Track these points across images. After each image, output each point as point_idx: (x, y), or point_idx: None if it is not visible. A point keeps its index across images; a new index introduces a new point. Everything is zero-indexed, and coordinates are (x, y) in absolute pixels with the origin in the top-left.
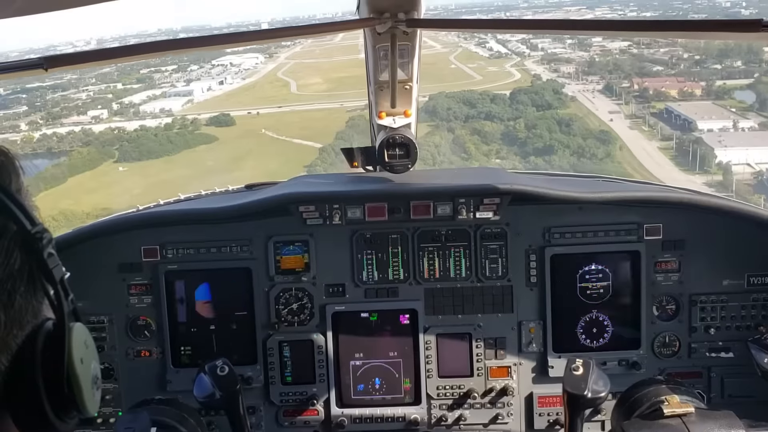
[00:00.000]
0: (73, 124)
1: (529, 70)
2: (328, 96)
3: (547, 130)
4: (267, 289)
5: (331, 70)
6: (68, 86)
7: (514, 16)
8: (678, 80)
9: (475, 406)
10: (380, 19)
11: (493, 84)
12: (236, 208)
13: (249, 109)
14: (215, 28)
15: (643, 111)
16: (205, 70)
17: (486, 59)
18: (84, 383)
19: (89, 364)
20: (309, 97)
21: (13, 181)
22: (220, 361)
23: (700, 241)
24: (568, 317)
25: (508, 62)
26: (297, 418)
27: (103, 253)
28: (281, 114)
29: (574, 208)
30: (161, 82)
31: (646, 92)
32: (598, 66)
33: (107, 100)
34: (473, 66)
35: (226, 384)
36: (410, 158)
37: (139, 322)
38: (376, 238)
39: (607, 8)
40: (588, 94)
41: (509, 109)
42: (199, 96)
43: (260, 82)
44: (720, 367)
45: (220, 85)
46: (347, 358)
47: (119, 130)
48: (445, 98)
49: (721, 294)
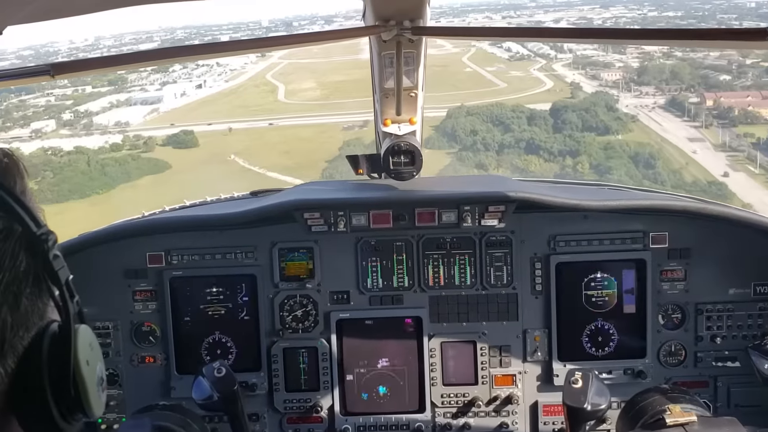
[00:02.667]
0: (11, 140)
1: (562, 76)
2: (321, 106)
3: (627, 176)
4: (271, 295)
5: (328, 72)
6: (35, 89)
7: (523, 15)
8: (763, 95)
9: (479, 414)
10: (386, 26)
11: (522, 94)
12: (241, 215)
13: (222, 123)
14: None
15: (737, 140)
16: (188, 71)
17: (506, 62)
18: (90, 385)
19: (95, 366)
20: (297, 108)
21: (18, 182)
22: (217, 363)
23: (707, 249)
24: (573, 325)
25: (532, 65)
26: (301, 425)
27: (108, 259)
28: (261, 130)
29: (579, 216)
30: (132, 85)
31: (729, 112)
32: (650, 73)
33: (62, 108)
34: (492, 70)
35: (223, 385)
36: (415, 165)
37: (143, 328)
38: (380, 245)
39: (622, 7)
40: (649, 111)
41: (558, 137)
42: (168, 103)
43: (245, 86)
44: (726, 377)
45: (198, 89)
46: (352, 365)
47: (53, 151)
48: (467, 115)
49: (728, 303)
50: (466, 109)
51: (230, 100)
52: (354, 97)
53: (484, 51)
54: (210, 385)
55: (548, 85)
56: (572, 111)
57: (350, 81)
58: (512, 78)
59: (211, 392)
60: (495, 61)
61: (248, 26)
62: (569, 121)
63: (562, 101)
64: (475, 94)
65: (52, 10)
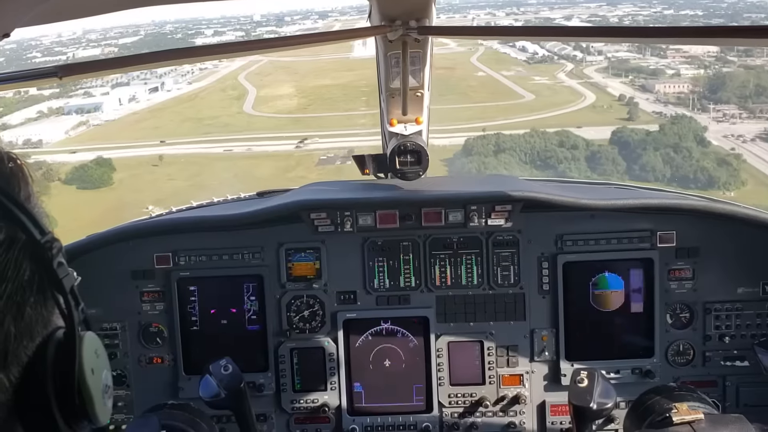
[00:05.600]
0: None
1: (601, 85)
2: (294, 123)
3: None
4: (278, 296)
5: (311, 74)
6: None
7: (528, 11)
8: None
9: (487, 414)
10: (392, 26)
11: (559, 110)
12: (248, 216)
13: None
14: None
15: None
16: (149, 70)
17: (524, 64)
18: (95, 394)
19: (100, 374)
20: (263, 124)
21: (23, 188)
22: (224, 361)
23: (715, 248)
24: (580, 325)
25: (558, 69)
26: (308, 425)
27: (116, 260)
28: (206, 159)
29: (586, 215)
30: (79, 87)
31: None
32: (728, 86)
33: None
34: (510, 74)
35: (230, 382)
36: (421, 165)
37: (151, 329)
38: (387, 246)
39: (630, 5)
40: (744, 143)
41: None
42: (106, 113)
43: (209, 90)
44: (735, 376)
45: (151, 93)
46: (358, 365)
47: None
48: (497, 152)
49: (736, 302)
50: (495, 142)
51: (183, 109)
52: (338, 110)
53: (495, 51)
54: (217, 383)
55: (589, 98)
56: (651, 148)
57: (336, 86)
58: (538, 86)
59: (218, 390)
60: (511, 64)
61: (239, 21)
62: (650, 167)
63: (622, 127)
64: (496, 109)
65: (59, 12)
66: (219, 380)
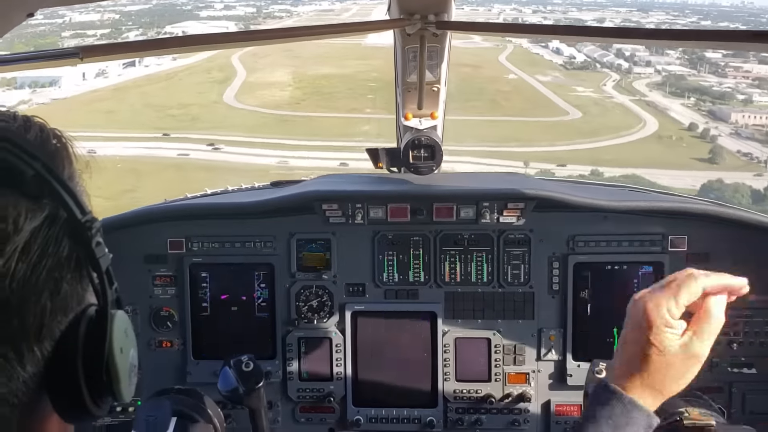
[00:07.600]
0: None
1: (663, 107)
2: (279, 122)
3: None
4: (288, 285)
5: (312, 61)
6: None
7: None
8: None
9: (491, 411)
10: (410, 20)
11: (618, 138)
12: (261, 204)
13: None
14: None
15: None
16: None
17: (562, 69)
18: (122, 372)
19: (128, 353)
20: (240, 123)
21: (66, 167)
22: (245, 357)
23: (725, 254)
24: (589, 326)
25: (602, 79)
26: (313, 414)
27: (129, 243)
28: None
29: (599, 216)
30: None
31: None
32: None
33: None
34: (547, 80)
35: (250, 380)
36: (435, 160)
37: (162, 313)
38: (397, 240)
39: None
40: None
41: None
42: (63, 89)
43: (193, 69)
44: (742, 383)
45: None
46: (365, 357)
47: None
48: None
49: (745, 309)
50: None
51: (154, 90)
52: (338, 110)
53: (526, 51)
54: (236, 378)
55: (650, 123)
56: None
57: (340, 77)
58: (583, 100)
59: (237, 385)
60: (546, 67)
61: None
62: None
63: (706, 172)
64: (536, 128)
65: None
66: (238, 375)
